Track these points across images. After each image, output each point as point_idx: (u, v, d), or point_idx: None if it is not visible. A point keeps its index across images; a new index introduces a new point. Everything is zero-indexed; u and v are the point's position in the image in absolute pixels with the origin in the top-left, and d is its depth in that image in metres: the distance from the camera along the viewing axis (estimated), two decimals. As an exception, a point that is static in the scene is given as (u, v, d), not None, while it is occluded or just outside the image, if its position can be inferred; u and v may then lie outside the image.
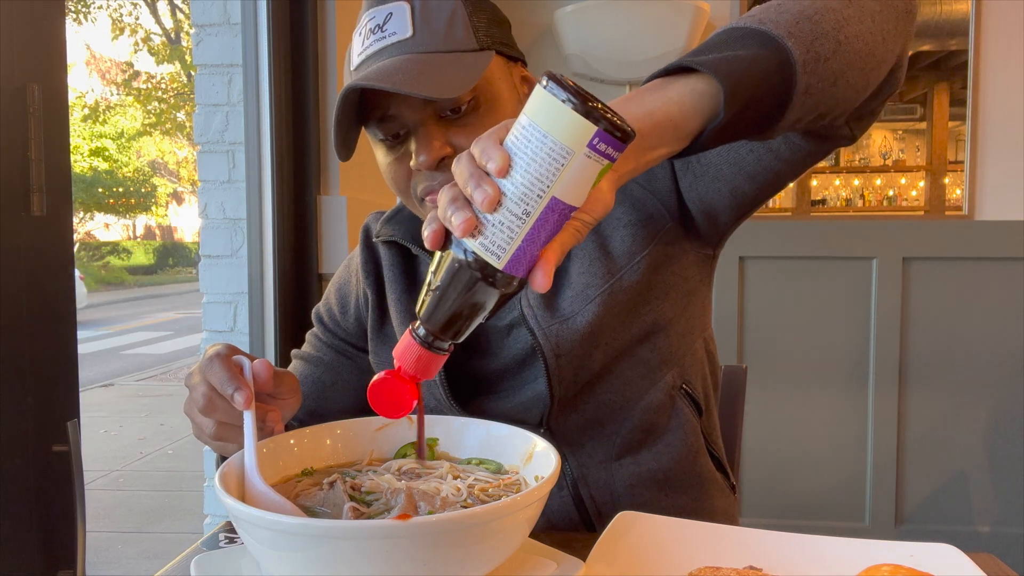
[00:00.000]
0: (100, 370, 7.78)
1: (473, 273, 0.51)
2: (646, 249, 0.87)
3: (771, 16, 0.61)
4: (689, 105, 0.57)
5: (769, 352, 2.45)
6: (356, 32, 0.83)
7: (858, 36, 0.63)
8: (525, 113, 0.50)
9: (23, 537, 1.17)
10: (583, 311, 0.85)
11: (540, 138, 0.49)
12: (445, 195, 0.52)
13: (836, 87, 0.62)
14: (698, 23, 2.32)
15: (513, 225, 0.50)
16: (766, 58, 0.58)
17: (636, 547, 0.66)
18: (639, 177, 0.89)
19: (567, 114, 0.48)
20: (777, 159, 0.78)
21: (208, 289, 1.86)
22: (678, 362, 0.91)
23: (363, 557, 0.48)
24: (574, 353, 0.85)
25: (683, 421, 0.90)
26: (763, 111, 0.60)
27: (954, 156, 2.55)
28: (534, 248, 0.51)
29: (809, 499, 2.46)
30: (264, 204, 1.80)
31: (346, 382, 1.00)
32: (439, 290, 0.53)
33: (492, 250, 0.51)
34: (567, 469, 0.88)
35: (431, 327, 0.55)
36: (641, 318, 0.88)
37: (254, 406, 0.65)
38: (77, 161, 16.34)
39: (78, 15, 15.01)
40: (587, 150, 0.48)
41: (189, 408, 0.71)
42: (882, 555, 0.63)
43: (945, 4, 2.43)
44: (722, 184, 0.83)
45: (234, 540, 0.78)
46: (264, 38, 1.78)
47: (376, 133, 0.83)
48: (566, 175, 0.49)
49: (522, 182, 0.50)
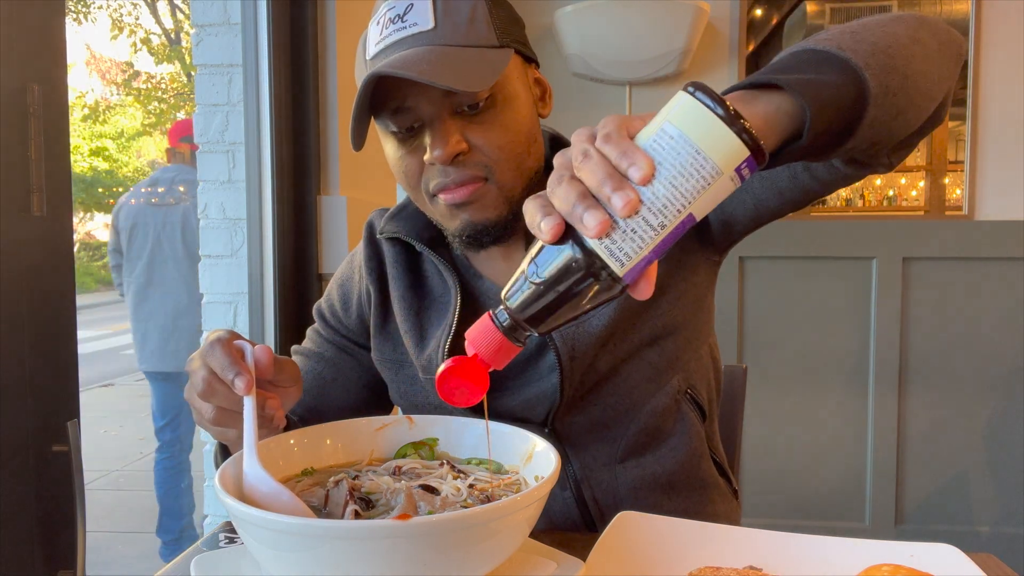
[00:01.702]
0: (100, 370, 7.77)
1: (590, 274, 0.50)
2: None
3: (847, 43, 0.60)
4: (773, 122, 0.56)
5: (769, 352, 2.45)
6: (373, 21, 0.82)
7: (921, 74, 0.63)
8: (671, 121, 0.48)
9: (23, 537, 1.17)
10: (599, 313, 0.84)
11: (691, 152, 0.47)
12: (572, 190, 0.50)
13: (896, 121, 0.62)
14: (698, 23, 2.31)
15: (645, 235, 0.49)
16: (846, 86, 0.58)
17: (636, 547, 0.66)
18: None
19: (721, 131, 0.47)
20: (813, 179, 0.77)
21: (208, 289, 1.86)
22: (684, 367, 0.91)
23: (363, 557, 0.48)
24: (586, 355, 0.85)
25: (688, 426, 0.90)
26: (834, 138, 0.59)
27: (954, 156, 2.55)
28: (655, 258, 0.50)
29: (809, 499, 2.46)
30: (264, 204, 1.80)
31: (347, 378, 1.00)
32: (543, 284, 0.51)
33: (618, 256, 0.49)
34: (570, 470, 0.88)
35: (522, 316, 0.53)
36: (651, 321, 0.87)
37: (255, 392, 0.65)
38: (77, 161, 16.33)
39: (78, 15, 15.00)
40: (733, 173, 0.48)
41: (189, 393, 0.70)
42: (882, 555, 0.63)
43: (945, 4, 2.43)
44: (748, 196, 0.83)
45: (234, 540, 0.78)
46: (264, 38, 1.78)
47: (388, 125, 0.82)
48: (708, 193, 0.48)
49: (664, 194, 0.48)
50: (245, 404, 0.64)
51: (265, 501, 0.59)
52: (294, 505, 0.58)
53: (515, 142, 0.82)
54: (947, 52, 0.68)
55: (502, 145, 0.81)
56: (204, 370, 0.67)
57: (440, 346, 0.88)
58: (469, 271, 0.94)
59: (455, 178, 0.80)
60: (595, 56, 2.37)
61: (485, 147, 0.80)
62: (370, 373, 0.99)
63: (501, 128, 0.81)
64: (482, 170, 0.81)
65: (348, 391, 1.00)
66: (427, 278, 0.95)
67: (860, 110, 0.58)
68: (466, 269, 0.94)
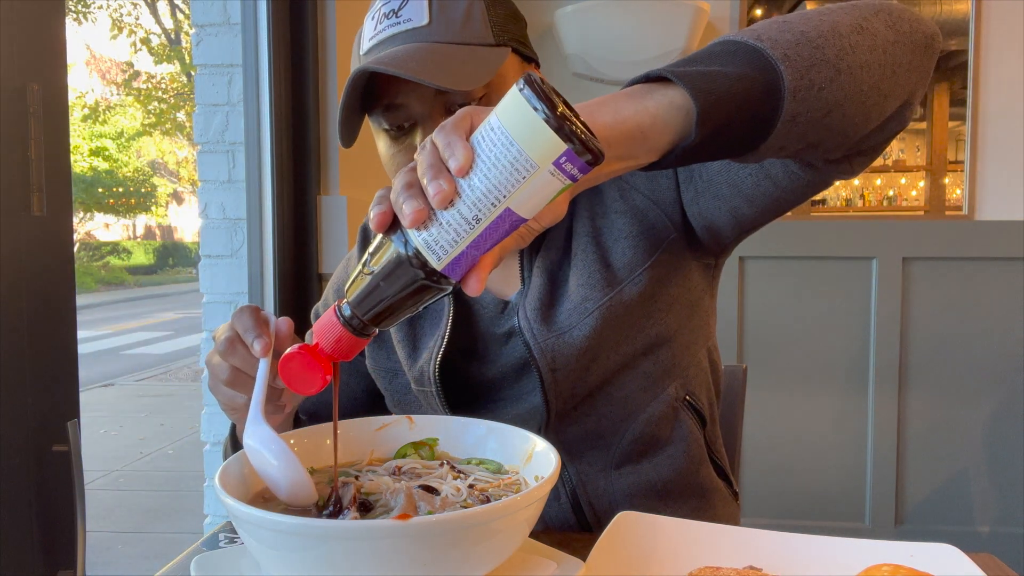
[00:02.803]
0: (100, 370, 7.77)
1: (411, 268, 0.49)
2: (648, 261, 0.84)
3: (771, 33, 0.57)
4: (663, 119, 0.53)
5: (769, 352, 2.45)
6: (369, 16, 0.81)
7: (863, 66, 0.58)
8: (496, 113, 0.47)
9: (23, 537, 1.17)
10: (580, 325, 0.82)
11: (506, 144, 0.46)
12: (400, 179, 0.49)
13: (829, 118, 0.58)
14: (698, 23, 2.31)
15: (460, 228, 0.48)
16: (752, 79, 0.55)
17: (636, 547, 0.66)
18: (643, 187, 0.86)
19: (538, 126, 0.45)
20: (775, 186, 0.75)
21: (208, 289, 1.86)
22: (681, 374, 0.89)
23: (363, 557, 0.48)
24: (571, 367, 0.83)
25: (686, 432, 0.88)
26: (741, 133, 0.56)
27: (954, 156, 2.55)
28: (477, 254, 0.49)
29: (809, 499, 2.46)
30: (264, 204, 1.80)
31: (344, 384, 0.99)
32: (373, 276, 0.51)
33: (435, 249, 0.48)
34: (566, 476, 0.87)
35: (358, 311, 0.53)
36: (643, 331, 0.85)
37: (271, 356, 0.66)
38: (77, 161, 16.34)
39: (78, 15, 15.01)
40: (552, 167, 0.45)
41: (210, 356, 0.71)
42: (882, 555, 0.63)
43: (945, 4, 2.42)
44: (722, 203, 0.81)
45: (234, 540, 0.78)
46: (264, 38, 1.78)
47: (381, 122, 0.80)
48: (526, 188, 0.46)
49: (480, 187, 0.47)
50: (260, 365, 0.65)
51: (266, 464, 0.60)
52: (292, 465, 0.59)
53: None
54: (909, 44, 0.62)
55: None
56: (229, 331, 0.68)
57: (432, 358, 0.86)
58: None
59: None
60: (595, 56, 2.37)
61: None
62: (367, 379, 0.98)
63: None
64: None
65: (346, 398, 0.99)
66: None
67: (773, 105, 0.55)
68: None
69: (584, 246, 0.86)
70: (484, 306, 0.90)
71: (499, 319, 0.89)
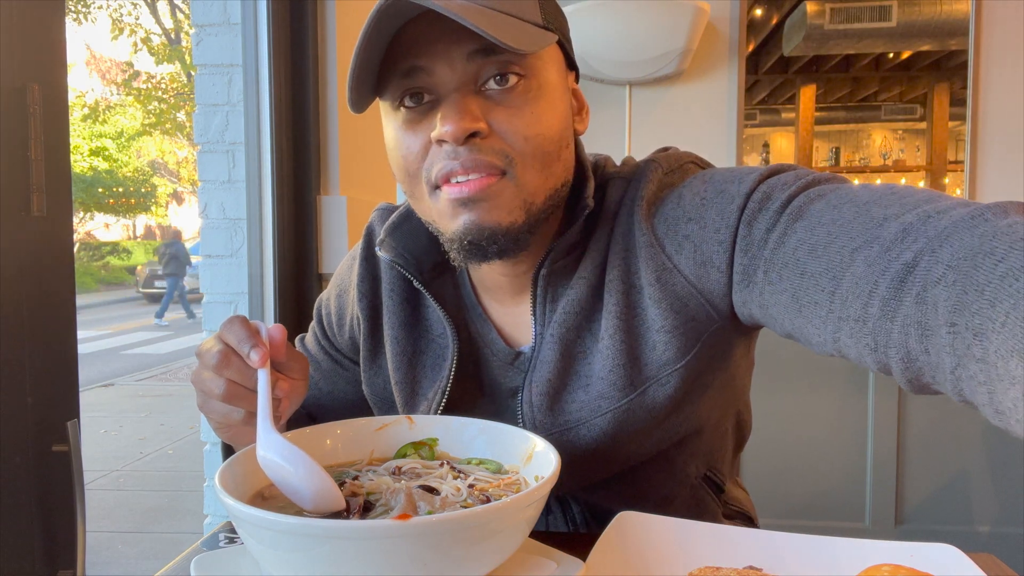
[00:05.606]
0: (100, 370, 7.78)
1: None
2: (685, 358, 0.72)
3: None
4: None
5: (769, 352, 2.45)
6: None
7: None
8: None
9: (23, 537, 1.17)
10: (589, 423, 0.74)
11: None
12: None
13: None
14: (698, 23, 2.32)
15: None
16: None
17: (636, 547, 0.66)
18: (688, 269, 0.71)
19: None
20: (839, 355, 0.61)
21: (208, 289, 1.86)
22: (706, 455, 0.82)
23: (363, 557, 0.48)
24: (575, 464, 0.75)
25: (699, 501, 0.84)
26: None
27: (954, 156, 2.55)
28: None
29: (809, 499, 2.46)
30: (264, 204, 1.80)
31: (343, 392, 0.96)
32: None
33: None
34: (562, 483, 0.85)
35: None
36: (669, 431, 0.76)
37: (269, 365, 0.65)
38: (77, 161, 16.34)
39: (78, 15, 15.01)
40: None
41: (197, 374, 0.67)
42: (882, 555, 0.63)
43: (945, 4, 2.42)
44: (776, 325, 0.67)
45: (234, 540, 0.77)
46: (264, 38, 1.78)
47: (397, 92, 0.67)
48: None
49: None
50: (260, 376, 0.64)
51: (286, 474, 0.59)
52: (315, 473, 0.59)
53: (545, 137, 0.67)
54: None
55: (529, 136, 0.66)
56: (219, 344, 0.65)
57: (431, 410, 0.80)
58: (475, 312, 0.82)
59: (464, 163, 0.65)
60: (595, 56, 2.37)
61: (508, 133, 0.65)
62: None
63: (531, 115, 0.66)
64: (501, 159, 0.65)
65: (343, 404, 0.96)
66: (426, 312, 0.83)
67: None
68: (472, 308, 0.82)
69: (612, 329, 0.73)
70: (494, 353, 0.81)
71: (508, 371, 0.80)
